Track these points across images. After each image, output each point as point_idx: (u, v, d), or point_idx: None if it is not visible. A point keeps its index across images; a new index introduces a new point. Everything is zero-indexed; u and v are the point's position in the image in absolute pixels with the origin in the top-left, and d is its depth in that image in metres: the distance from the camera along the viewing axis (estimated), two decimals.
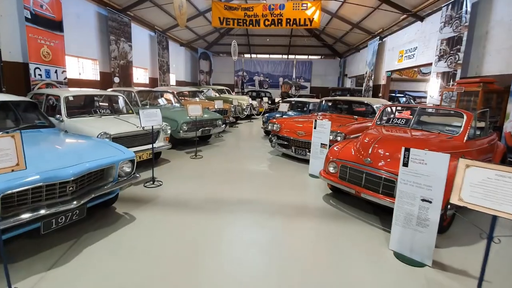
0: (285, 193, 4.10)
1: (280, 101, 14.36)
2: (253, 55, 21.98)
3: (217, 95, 12.89)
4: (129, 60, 10.91)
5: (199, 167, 5.31)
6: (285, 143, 5.99)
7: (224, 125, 7.71)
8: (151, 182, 4.20)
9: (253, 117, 14.20)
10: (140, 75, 12.98)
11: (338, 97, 7.52)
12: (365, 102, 7.00)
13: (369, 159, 3.17)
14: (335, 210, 3.56)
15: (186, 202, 3.64)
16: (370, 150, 3.22)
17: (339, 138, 5.10)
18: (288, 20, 10.73)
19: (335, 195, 4.00)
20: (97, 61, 9.71)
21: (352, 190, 3.26)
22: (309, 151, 5.49)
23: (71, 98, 4.95)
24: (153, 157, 4.30)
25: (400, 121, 4.04)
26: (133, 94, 7.14)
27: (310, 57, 21.46)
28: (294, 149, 5.79)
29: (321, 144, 4.82)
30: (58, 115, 4.57)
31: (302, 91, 20.15)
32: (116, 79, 10.19)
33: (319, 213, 3.47)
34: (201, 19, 14.69)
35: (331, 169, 3.61)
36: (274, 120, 6.37)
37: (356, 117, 6.33)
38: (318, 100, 9.72)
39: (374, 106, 6.53)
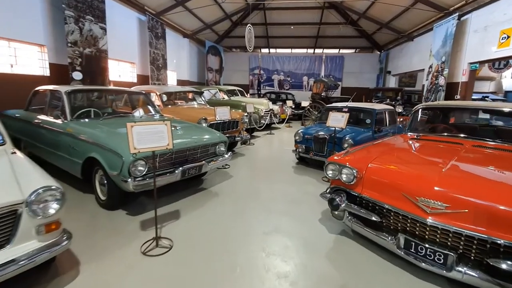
0: None
1: (310, 105, 10.66)
2: (272, 50, 18.47)
3: (225, 97, 9.46)
4: (101, 49, 7.71)
5: None
6: (374, 218, 2.40)
7: (230, 153, 4.23)
8: None
9: (273, 125, 10.69)
10: (124, 71, 9.80)
11: (449, 102, 3.82)
12: None
13: None
14: None
15: None
16: None
17: None
18: None
19: None
20: (45, 48, 6.54)
21: None
22: (469, 264, 1.90)
23: None
24: None
25: None
26: (62, 98, 3.81)
27: (342, 51, 17.65)
28: (405, 241, 2.19)
29: None
30: None
31: (332, 92, 16.36)
32: (77, 75, 6.99)
33: None
34: None
35: None
36: (343, 156, 2.78)
37: None
38: (386, 107, 6.05)
39: None
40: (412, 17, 11.25)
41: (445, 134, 3.37)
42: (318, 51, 17.72)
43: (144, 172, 2.91)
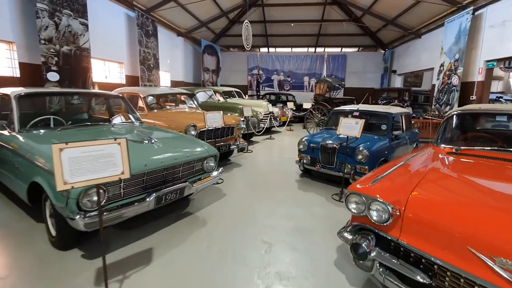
0: None
1: (312, 107, 9.85)
2: (271, 49, 17.74)
3: (221, 99, 8.74)
4: (82, 47, 6.97)
5: None
6: (421, 279, 1.65)
7: (221, 169, 3.49)
8: None
9: (273, 128, 9.95)
10: (112, 72, 9.06)
11: (494, 106, 3.09)
12: None
13: None
14: None
15: None
16: None
17: None
18: None
19: None
20: (14, 45, 5.80)
21: None
22: None
23: None
24: None
25: None
26: (11, 103, 3.06)
27: (344, 49, 16.93)
28: None
29: None
30: None
31: (336, 93, 15.68)
32: (53, 76, 6.25)
33: None
34: None
35: None
36: (370, 185, 2.02)
37: None
38: (402, 110, 5.32)
39: None
40: (420, 12, 10.54)
41: (490, 148, 2.63)
42: (319, 50, 16.99)
43: (89, 205, 2.15)
